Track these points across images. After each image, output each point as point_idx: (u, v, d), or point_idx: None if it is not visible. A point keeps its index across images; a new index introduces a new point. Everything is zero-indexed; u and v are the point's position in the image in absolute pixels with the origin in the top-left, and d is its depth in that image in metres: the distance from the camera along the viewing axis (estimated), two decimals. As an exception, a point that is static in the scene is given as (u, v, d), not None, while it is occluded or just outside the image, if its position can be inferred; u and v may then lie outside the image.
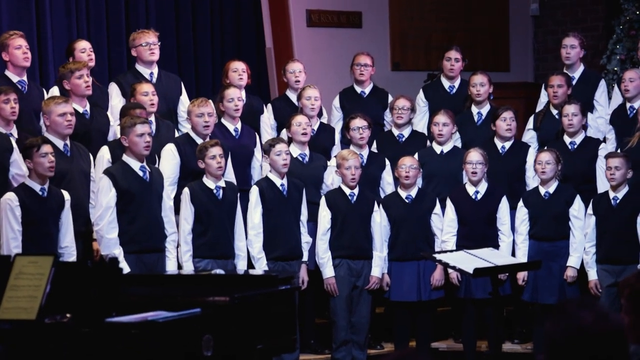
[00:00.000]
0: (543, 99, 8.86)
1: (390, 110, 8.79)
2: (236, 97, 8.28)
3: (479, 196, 8.08)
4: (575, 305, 2.91)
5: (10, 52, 7.88)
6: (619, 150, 8.13)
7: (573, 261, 7.91)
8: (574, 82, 8.80)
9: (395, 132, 8.76)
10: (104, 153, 7.64)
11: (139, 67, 8.46)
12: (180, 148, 7.86)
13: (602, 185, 8.08)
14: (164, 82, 8.49)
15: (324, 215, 8.06)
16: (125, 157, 7.39)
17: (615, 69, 10.15)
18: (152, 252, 7.37)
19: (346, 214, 8.04)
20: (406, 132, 8.75)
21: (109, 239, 7.24)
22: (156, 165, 7.74)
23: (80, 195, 7.45)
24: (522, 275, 7.98)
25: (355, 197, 8.07)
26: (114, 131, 7.99)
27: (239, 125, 8.33)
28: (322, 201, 8.10)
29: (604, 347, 2.86)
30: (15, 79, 7.87)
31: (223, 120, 8.31)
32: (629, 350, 2.98)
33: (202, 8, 10.08)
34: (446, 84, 9.09)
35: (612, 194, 7.83)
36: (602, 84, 8.89)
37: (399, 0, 11.39)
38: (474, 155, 8.05)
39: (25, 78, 7.94)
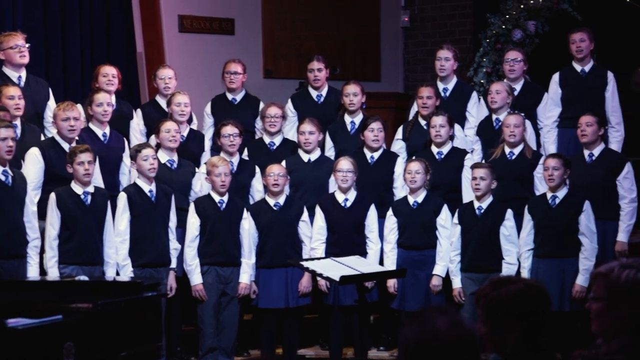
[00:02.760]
0: (415, 109, 8.97)
1: (262, 118, 8.80)
2: (105, 102, 8.19)
3: (348, 204, 8.15)
4: (432, 311, 2.97)
5: None
6: (484, 161, 8.30)
7: (439, 269, 8.03)
8: (447, 94, 8.95)
9: (267, 139, 8.78)
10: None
11: (7, 70, 8.28)
12: (45, 152, 7.73)
13: (468, 195, 8.22)
14: (32, 86, 8.34)
15: (193, 222, 8.02)
16: (-14, 162, 7.24)
17: (482, 81, 10.37)
18: (13, 259, 7.22)
19: (215, 221, 8.01)
20: (277, 140, 8.78)
21: (-33, 244, 7.07)
22: (21, 170, 7.59)
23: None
24: (392, 283, 8.07)
25: (224, 204, 8.06)
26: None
27: (107, 130, 8.24)
28: (191, 208, 8.06)
29: (456, 353, 2.92)
30: None
31: (91, 125, 8.20)
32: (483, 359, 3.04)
33: (71, 11, 9.91)
34: (313, 93, 9.14)
35: (476, 204, 7.97)
36: (474, 96, 9.06)
37: (272, 8, 11.42)
38: (345, 164, 8.12)
39: None
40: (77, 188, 7.54)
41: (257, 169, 8.50)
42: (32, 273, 7.28)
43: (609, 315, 3.39)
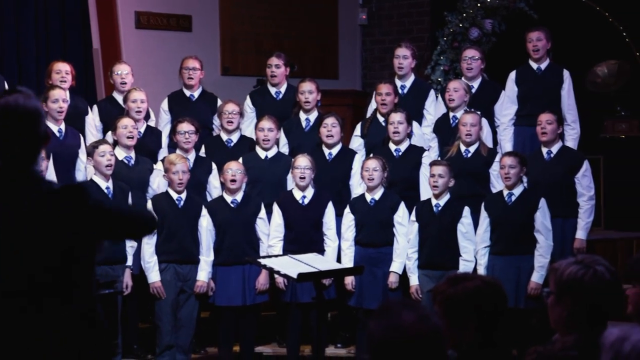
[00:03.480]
0: (373, 106, 8.99)
1: (219, 115, 8.78)
2: (61, 98, 8.14)
3: (306, 201, 8.15)
4: (399, 305, 2.97)
5: None
6: (441, 159, 8.33)
7: (396, 267, 8.05)
8: (405, 91, 8.96)
9: (224, 136, 8.75)
10: None
11: (-40, 66, 8.22)
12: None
13: (425, 193, 8.25)
14: (-14, 81, 8.27)
15: (150, 219, 7.97)
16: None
17: (439, 79, 10.41)
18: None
19: (173, 219, 7.98)
20: (235, 137, 8.75)
21: None
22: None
23: None
24: (349, 281, 8.07)
25: (182, 202, 8.03)
26: None
27: (62, 127, 8.19)
28: (149, 205, 8.02)
29: (423, 347, 2.92)
30: None
31: (46, 121, 8.11)
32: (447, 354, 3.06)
33: (26, 6, 9.83)
34: (272, 90, 9.13)
35: (434, 201, 7.99)
36: (432, 94, 9.09)
37: (230, 4, 11.39)
38: (303, 161, 8.12)
39: None
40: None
41: (214, 166, 8.48)
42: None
43: (557, 308, 3.46)
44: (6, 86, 8.42)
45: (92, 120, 8.69)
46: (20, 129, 3.53)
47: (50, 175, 7.80)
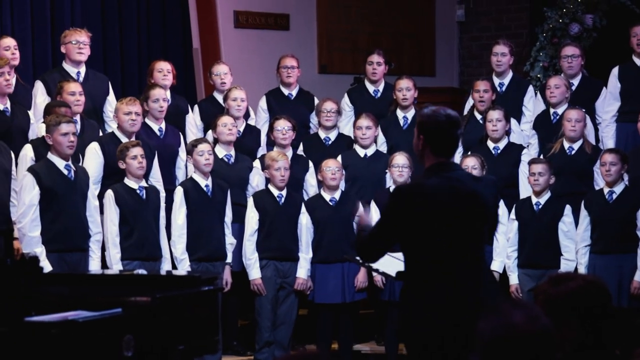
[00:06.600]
0: (470, 103, 8.94)
1: (317, 113, 8.81)
2: (161, 97, 8.23)
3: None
4: (509, 305, 2.96)
5: None
6: (541, 156, 8.24)
7: (495, 265, 7.99)
8: (503, 89, 8.91)
9: (322, 134, 8.78)
10: (27, 151, 7.55)
11: (66, 66, 8.35)
12: (104, 147, 7.79)
13: (525, 191, 8.18)
14: (91, 81, 8.39)
15: (252, 216, 8.04)
16: (50, 156, 7.33)
17: (539, 75, 10.30)
18: (75, 252, 7.29)
19: (274, 216, 8.03)
20: (332, 135, 8.78)
21: (31, 237, 7.16)
22: (80, 164, 7.66)
23: (1, 193, 7.34)
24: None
25: (283, 199, 8.07)
26: (35, 130, 7.90)
27: (163, 125, 8.29)
28: (250, 202, 8.08)
29: (532, 347, 2.90)
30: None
31: (147, 120, 8.25)
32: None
33: (129, 6, 9.97)
34: (370, 88, 9.14)
35: (534, 200, 7.92)
36: (530, 90, 9.02)
37: (326, 3, 11.41)
38: (400, 159, 8.10)
39: None
40: (131, 183, 7.57)
41: (311, 164, 8.51)
42: (94, 267, 7.33)
43: None
44: (110, 87, 8.58)
45: (193, 119, 8.79)
46: (455, 133, 4.85)
47: (156, 172, 7.92)
